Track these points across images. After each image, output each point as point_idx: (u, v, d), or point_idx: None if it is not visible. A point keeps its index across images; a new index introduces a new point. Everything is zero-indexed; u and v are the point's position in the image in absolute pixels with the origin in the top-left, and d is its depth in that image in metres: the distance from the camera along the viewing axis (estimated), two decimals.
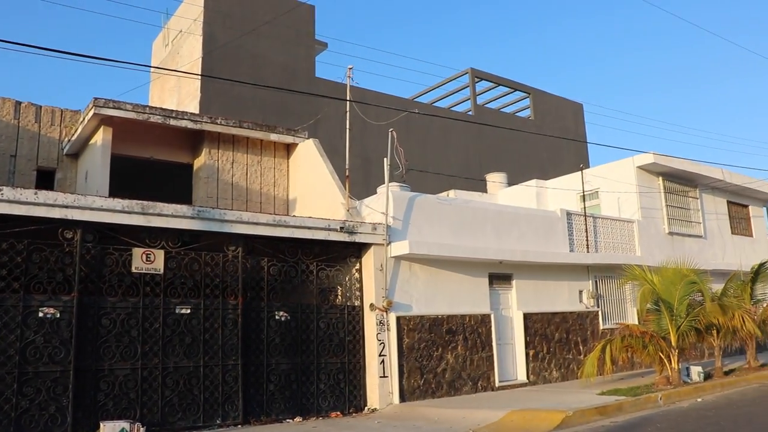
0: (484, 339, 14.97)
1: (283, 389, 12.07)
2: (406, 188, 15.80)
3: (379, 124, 18.14)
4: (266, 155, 16.35)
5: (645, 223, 20.17)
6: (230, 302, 11.65)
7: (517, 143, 31.77)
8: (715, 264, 21.67)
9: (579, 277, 17.73)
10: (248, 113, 21.02)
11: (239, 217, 11.77)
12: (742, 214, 25.54)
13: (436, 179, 24.94)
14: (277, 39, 24.41)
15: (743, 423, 9.95)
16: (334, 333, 12.95)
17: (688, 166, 21.67)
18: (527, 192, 22.55)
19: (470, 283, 15.06)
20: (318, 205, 14.90)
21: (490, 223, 15.61)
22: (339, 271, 13.41)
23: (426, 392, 13.65)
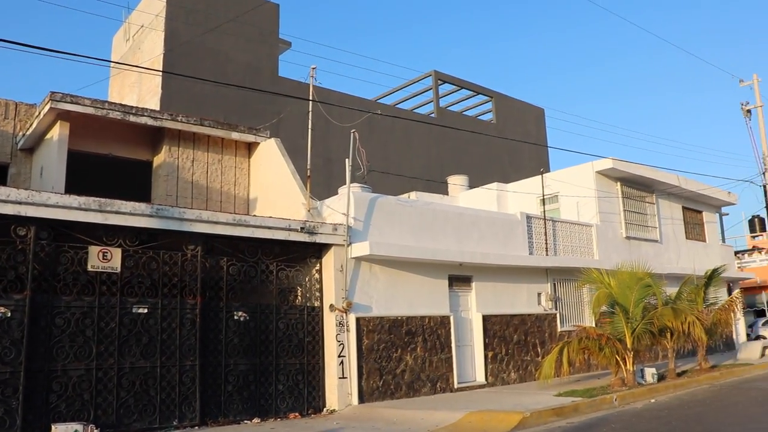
0: (443, 340, 15.04)
1: (242, 390, 11.97)
2: (368, 189, 15.81)
3: (342, 125, 18.11)
4: (227, 154, 16.21)
5: (603, 227, 20.48)
6: (188, 302, 11.52)
7: (479, 146, 32.00)
8: (670, 268, 22.11)
9: (538, 280, 17.92)
10: (210, 111, 20.81)
11: (199, 216, 11.65)
12: (696, 219, 26.10)
13: (397, 181, 24.98)
14: (241, 37, 24.23)
15: (693, 423, 10.16)
16: (293, 333, 12.89)
17: (646, 172, 22.08)
18: (488, 195, 22.73)
19: (430, 285, 15.11)
20: (279, 205, 14.82)
21: (450, 225, 15.69)
22: (299, 272, 13.36)
23: (385, 393, 13.66)
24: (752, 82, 26.99)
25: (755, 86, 26.79)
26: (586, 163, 21.19)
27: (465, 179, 25.26)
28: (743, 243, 50.29)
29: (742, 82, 27.41)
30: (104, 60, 13.81)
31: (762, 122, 26.07)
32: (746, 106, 26.64)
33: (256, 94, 21.17)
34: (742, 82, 27.42)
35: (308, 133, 14.54)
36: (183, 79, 20.60)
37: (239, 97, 22.66)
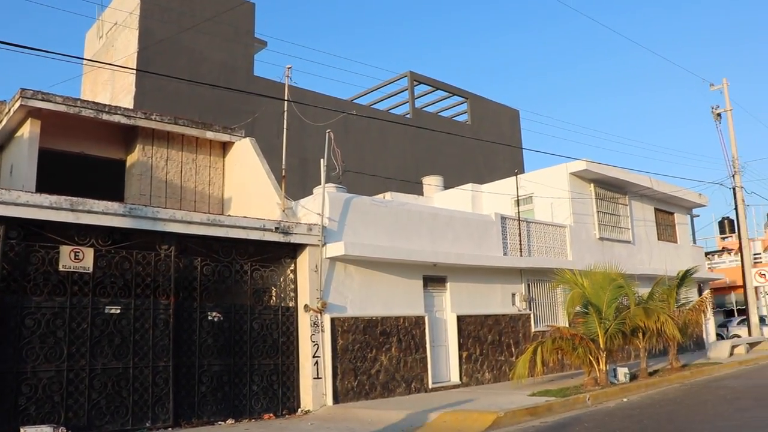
0: (418, 341, 15.07)
1: (216, 391, 11.89)
2: (343, 189, 15.80)
3: (317, 125, 18.07)
4: (202, 153, 16.10)
5: (577, 228, 20.66)
6: (162, 302, 11.42)
7: (454, 147, 32.11)
8: (643, 269, 22.37)
9: (512, 281, 18.03)
10: (184, 110, 20.66)
11: (172, 216, 11.55)
12: (668, 221, 26.44)
13: (372, 181, 25.00)
14: (216, 36, 24.08)
15: (665, 422, 10.29)
16: (267, 334, 12.83)
17: (619, 174, 22.32)
18: (463, 195, 22.82)
19: (405, 285, 15.14)
20: (253, 205, 14.75)
21: (425, 225, 15.73)
22: (273, 272, 13.30)
23: (360, 394, 13.66)
24: (722, 86, 27.40)
25: (725, 90, 27.20)
26: (560, 165, 21.37)
27: (440, 180, 25.36)
28: (713, 244, 51.07)
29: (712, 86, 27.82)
30: (77, 57, 13.66)
31: (731, 126, 26.47)
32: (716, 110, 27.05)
33: (231, 93, 21.05)
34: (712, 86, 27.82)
35: (283, 132, 14.49)
36: (157, 78, 20.44)
37: (214, 96, 22.53)
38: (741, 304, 33.35)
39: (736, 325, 31.99)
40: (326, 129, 14.08)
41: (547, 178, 21.30)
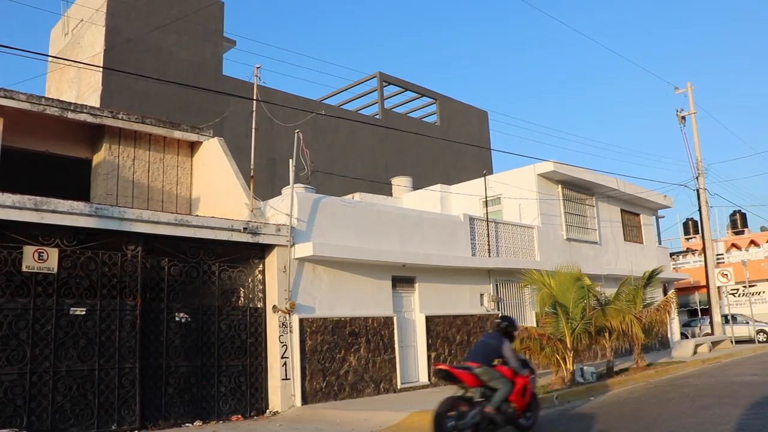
0: (386, 341, 15.10)
1: (183, 393, 11.79)
2: (312, 190, 15.78)
3: (286, 125, 18.03)
4: (169, 153, 15.94)
5: (544, 229, 20.85)
6: (128, 303, 11.29)
7: (423, 148, 32.20)
8: (609, 269, 22.66)
9: (480, 281, 18.14)
10: (152, 109, 20.45)
11: (139, 216, 11.43)
12: (634, 222, 26.81)
13: (341, 182, 24.98)
14: (185, 34, 23.86)
15: (630, 419, 10.44)
16: (235, 335, 12.76)
17: (586, 175, 22.57)
18: (432, 196, 22.91)
19: (373, 286, 15.16)
20: (222, 205, 14.65)
21: (394, 226, 15.76)
22: (242, 273, 13.23)
23: (328, 394, 13.64)
24: (686, 90, 27.85)
25: (689, 94, 27.66)
26: (528, 166, 21.56)
27: (409, 180, 25.43)
28: (678, 245, 51.86)
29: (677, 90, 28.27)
30: (42, 54, 13.46)
31: (695, 128, 26.92)
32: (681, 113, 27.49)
33: (200, 92, 20.90)
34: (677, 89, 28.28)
35: (252, 132, 14.43)
36: (124, 76, 20.20)
37: (182, 95, 22.33)
38: (704, 304, 33.91)
39: (708, 324, 32.46)
40: (295, 129, 14.05)
41: (515, 179, 21.47)
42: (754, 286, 40.62)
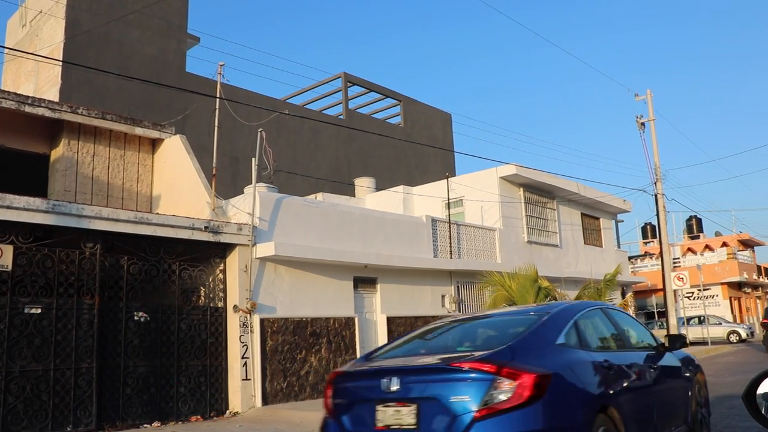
0: (348, 342, 15.09)
1: (141, 393, 11.64)
2: (274, 189, 15.70)
3: (249, 124, 17.92)
4: (130, 149, 15.73)
5: (506, 231, 21.04)
6: (86, 302, 11.10)
7: (387, 149, 32.25)
8: (569, 272, 22.94)
9: (442, 282, 18.23)
10: (113, 105, 20.14)
11: (98, 213, 11.26)
12: (594, 225, 27.20)
13: (304, 182, 24.90)
14: (148, 30, 23.55)
15: None
16: (196, 335, 12.64)
17: (547, 179, 22.83)
18: (394, 197, 22.97)
19: (335, 287, 15.14)
20: (183, 204, 14.51)
21: (356, 227, 15.77)
22: (203, 272, 13.11)
23: (289, 395, 13.59)
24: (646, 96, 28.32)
25: (648, 101, 28.11)
26: (491, 169, 21.73)
27: (372, 181, 25.44)
28: (636, 249, 52.82)
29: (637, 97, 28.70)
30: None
31: (654, 135, 27.38)
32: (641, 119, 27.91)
33: (162, 89, 20.65)
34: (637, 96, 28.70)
35: (215, 130, 14.31)
36: (85, 70, 19.85)
37: (144, 91, 22.02)
38: (661, 307, 34.56)
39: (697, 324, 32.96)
40: (258, 128, 13.98)
41: (478, 182, 21.63)
42: (708, 290, 41.57)
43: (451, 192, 21.03)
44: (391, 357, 5.80)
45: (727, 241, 50.13)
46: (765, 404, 2.42)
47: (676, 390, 6.90)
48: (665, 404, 6.44)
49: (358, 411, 5.20)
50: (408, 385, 4.89)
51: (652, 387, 6.19)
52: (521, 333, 5.41)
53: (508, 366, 4.69)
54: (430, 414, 4.75)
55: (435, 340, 6.38)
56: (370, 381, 5.25)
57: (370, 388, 5.14)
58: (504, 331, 5.81)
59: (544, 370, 4.76)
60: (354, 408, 5.25)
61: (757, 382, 2.45)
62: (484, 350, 5.06)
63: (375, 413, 5.01)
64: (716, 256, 47.07)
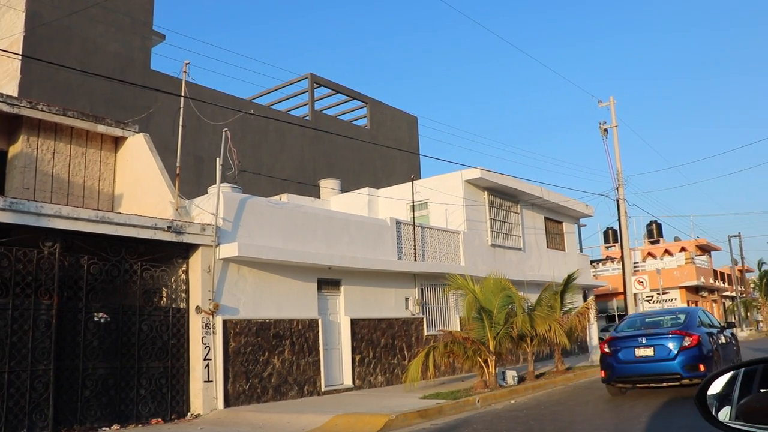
0: (311, 344, 15.02)
1: (100, 395, 11.43)
2: (238, 190, 15.57)
3: (214, 123, 17.74)
4: (92, 147, 15.46)
5: (470, 234, 21.14)
6: (44, 302, 10.87)
7: (352, 151, 32.22)
8: (532, 275, 23.15)
9: (406, 285, 18.25)
10: (75, 101, 19.78)
11: (58, 212, 11.03)
12: (557, 229, 27.48)
13: (269, 182, 24.75)
14: (112, 26, 23.19)
15: (548, 422, 10.68)
16: (157, 336, 12.46)
17: (511, 183, 23.01)
18: (359, 199, 22.94)
19: (299, 288, 15.07)
20: (146, 203, 14.30)
21: (321, 228, 15.71)
22: (165, 272, 12.94)
23: (252, 397, 13.48)
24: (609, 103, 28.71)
25: (611, 107, 28.50)
26: (456, 172, 21.81)
27: (337, 183, 25.39)
28: (598, 253, 53.50)
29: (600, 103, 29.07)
30: None
31: (617, 141, 27.76)
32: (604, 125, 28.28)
33: (126, 86, 20.35)
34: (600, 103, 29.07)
35: (179, 129, 14.14)
36: (45, 65, 19.45)
37: (108, 88, 21.68)
38: (622, 310, 35.06)
39: None
40: (223, 128, 13.83)
41: (443, 185, 21.70)
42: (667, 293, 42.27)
43: (416, 195, 21.07)
44: (632, 331, 13.42)
45: (685, 246, 51.05)
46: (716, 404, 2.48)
47: (731, 345, 14.86)
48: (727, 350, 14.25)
49: (625, 352, 12.66)
50: (650, 338, 12.54)
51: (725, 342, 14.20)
52: (686, 318, 13.32)
53: (687, 332, 12.30)
54: (659, 350, 12.29)
55: (642, 324, 13.98)
56: (631, 340, 12.81)
57: (633, 340, 12.77)
58: (676, 319, 13.50)
59: (698, 333, 12.33)
60: (622, 350, 12.70)
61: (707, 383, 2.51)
62: (675, 327, 12.75)
63: (636, 349, 12.53)
64: (675, 260, 47.91)
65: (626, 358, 12.60)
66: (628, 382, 12.99)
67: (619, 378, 12.81)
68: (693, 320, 13.13)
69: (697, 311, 14.23)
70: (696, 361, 12.06)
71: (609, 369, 12.90)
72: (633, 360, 12.54)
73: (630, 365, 12.57)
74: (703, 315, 14.25)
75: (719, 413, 2.45)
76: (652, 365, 12.35)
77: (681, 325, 12.88)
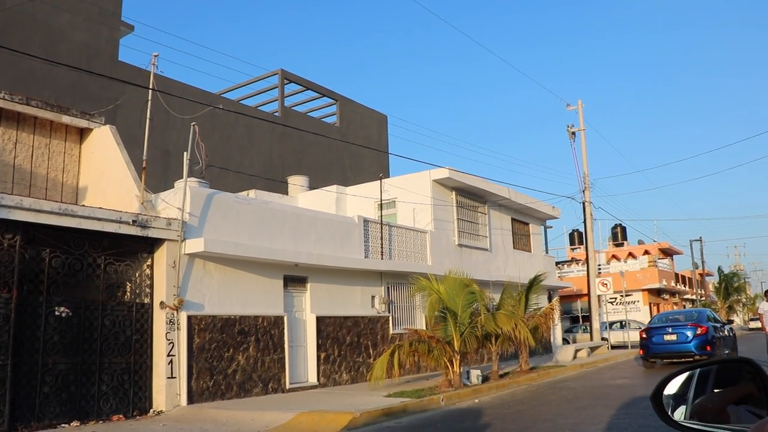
0: (276, 341, 14.96)
1: (60, 391, 11.24)
2: (206, 185, 15.43)
3: (183, 117, 17.56)
4: (56, 138, 15.19)
5: (437, 234, 21.21)
6: (2, 295, 10.66)
7: (322, 148, 32.14)
8: (498, 276, 23.30)
9: (372, 283, 18.26)
10: (39, 91, 19.41)
11: (19, 203, 10.83)
12: (523, 231, 27.70)
13: (237, 178, 24.57)
14: (79, 15, 22.81)
15: (510, 421, 10.76)
16: (120, 331, 12.30)
17: (479, 183, 23.13)
18: (327, 197, 22.89)
19: (265, 285, 14.99)
20: (111, 196, 14.09)
21: (288, 225, 15.65)
22: (129, 267, 12.77)
23: (216, 394, 13.38)
24: (577, 107, 29.03)
25: (579, 111, 28.84)
26: (424, 171, 21.87)
27: (305, 180, 25.30)
28: (564, 254, 54.04)
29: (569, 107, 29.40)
30: None
31: (584, 144, 28.10)
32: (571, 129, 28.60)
33: (93, 77, 20.04)
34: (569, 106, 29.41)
35: (146, 122, 13.96)
36: (9, 53, 19.01)
37: (73, 78, 21.33)
38: (585, 311, 35.47)
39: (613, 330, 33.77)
40: (192, 122, 13.69)
41: (411, 184, 21.74)
42: (630, 296, 42.88)
43: (384, 193, 21.08)
44: (661, 323, 19.78)
45: (648, 250, 51.82)
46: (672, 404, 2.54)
47: (729, 336, 20.71)
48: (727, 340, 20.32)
49: (657, 337, 19.07)
50: (674, 328, 19.09)
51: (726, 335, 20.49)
52: (698, 315, 19.79)
53: (699, 324, 18.91)
54: (680, 336, 18.82)
55: (667, 319, 20.42)
56: (661, 329, 19.23)
57: (662, 329, 19.23)
58: (690, 315, 20.04)
59: (706, 326, 18.92)
60: (655, 336, 19.10)
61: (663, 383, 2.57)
62: (690, 321, 19.35)
63: (664, 336, 19.00)
64: (638, 263, 48.60)
65: (657, 342, 19.10)
66: (658, 357, 19.36)
67: (653, 355, 19.31)
68: (703, 317, 19.61)
69: (706, 311, 20.82)
70: (705, 344, 18.39)
71: (646, 349, 19.35)
72: (662, 342, 19.04)
73: (660, 346, 19.08)
74: (710, 313, 20.92)
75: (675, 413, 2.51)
76: (675, 346, 18.85)
77: (694, 319, 19.40)
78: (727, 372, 2.49)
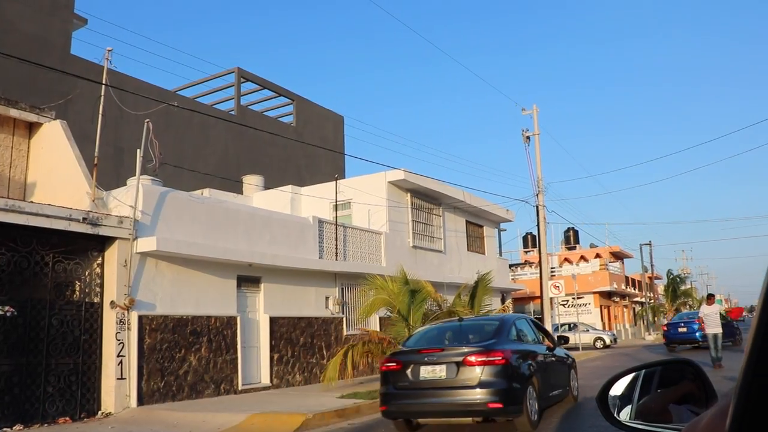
0: (229, 341, 14.82)
1: (3, 394, 10.95)
2: (159, 183, 15.21)
3: (136, 113, 17.27)
4: (4, 132, 14.80)
5: (392, 235, 21.27)
6: None
7: (277, 148, 31.95)
8: (452, 277, 23.46)
9: (326, 284, 18.22)
10: None
11: None
12: (477, 233, 27.94)
13: (191, 176, 24.26)
14: (29, 5, 22.26)
15: None
16: (68, 331, 12.04)
17: (434, 186, 23.27)
18: (282, 197, 22.77)
19: (218, 285, 14.85)
20: (61, 193, 13.79)
21: (242, 224, 15.53)
22: (78, 265, 12.51)
23: (167, 395, 13.19)
24: (532, 111, 29.38)
25: (534, 116, 29.17)
26: (380, 173, 21.91)
27: (261, 180, 25.14)
28: (517, 257, 54.62)
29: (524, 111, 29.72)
30: None
31: (538, 148, 28.44)
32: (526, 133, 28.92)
33: (43, 70, 19.57)
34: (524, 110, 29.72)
35: (98, 118, 13.70)
36: None
37: (23, 71, 20.77)
38: (538, 313, 35.91)
39: (568, 331, 34.32)
40: (145, 118, 13.49)
41: (366, 185, 21.77)
42: (582, 298, 43.58)
43: (340, 194, 21.06)
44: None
45: (600, 253, 52.71)
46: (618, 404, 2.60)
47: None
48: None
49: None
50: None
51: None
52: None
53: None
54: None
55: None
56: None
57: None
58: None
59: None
60: None
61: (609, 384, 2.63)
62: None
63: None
64: (590, 266, 49.40)
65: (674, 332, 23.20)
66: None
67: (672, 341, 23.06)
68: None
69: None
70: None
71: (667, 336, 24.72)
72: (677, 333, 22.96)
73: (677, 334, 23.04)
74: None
75: (620, 413, 2.57)
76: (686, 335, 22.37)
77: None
78: (671, 372, 2.56)
